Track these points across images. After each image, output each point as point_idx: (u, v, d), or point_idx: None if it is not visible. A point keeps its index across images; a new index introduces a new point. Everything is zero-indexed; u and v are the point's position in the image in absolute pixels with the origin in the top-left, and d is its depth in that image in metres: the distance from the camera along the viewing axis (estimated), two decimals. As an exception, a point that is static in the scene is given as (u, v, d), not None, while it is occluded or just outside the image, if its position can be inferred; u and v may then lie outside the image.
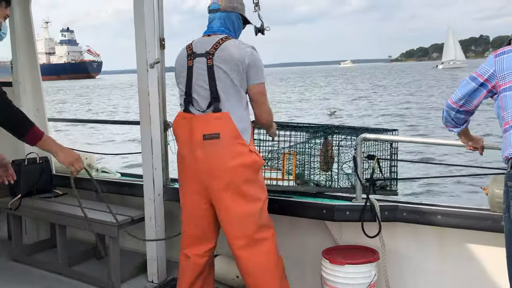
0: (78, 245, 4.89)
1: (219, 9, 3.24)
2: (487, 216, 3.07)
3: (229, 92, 3.06)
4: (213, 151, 3.03)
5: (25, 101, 5.03)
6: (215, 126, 3.03)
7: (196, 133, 3.05)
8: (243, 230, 3.11)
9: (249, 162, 3.07)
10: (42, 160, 4.98)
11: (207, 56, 3.09)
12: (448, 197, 9.89)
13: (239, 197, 3.07)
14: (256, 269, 3.15)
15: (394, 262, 3.50)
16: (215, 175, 3.05)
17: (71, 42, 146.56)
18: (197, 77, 3.11)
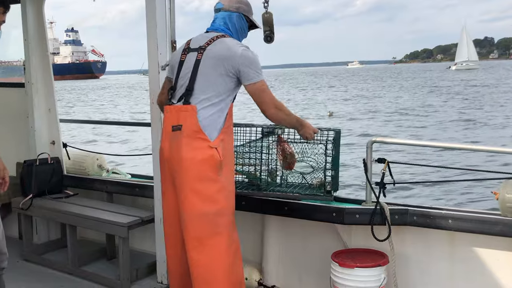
0: (88, 245, 4.92)
1: (222, 9, 3.29)
2: (498, 220, 3.06)
3: (206, 88, 3.06)
4: (175, 142, 3.05)
5: (37, 102, 5.07)
6: (181, 118, 3.06)
7: (167, 124, 3.13)
8: (194, 230, 3.05)
9: (205, 157, 3.01)
10: (53, 160, 5.02)
11: (199, 51, 3.13)
12: (458, 201, 9.84)
13: (193, 194, 3.02)
14: (201, 275, 3.07)
15: (403, 266, 3.48)
16: (175, 168, 3.07)
17: (76, 42, 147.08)
18: (184, 71, 3.17)
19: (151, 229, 4.17)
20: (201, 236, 3.05)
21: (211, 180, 3.04)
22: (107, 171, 5.23)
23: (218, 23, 3.28)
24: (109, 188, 4.87)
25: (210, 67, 3.07)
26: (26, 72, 5.13)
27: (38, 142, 5.08)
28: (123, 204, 4.70)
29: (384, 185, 3.48)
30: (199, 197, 3.03)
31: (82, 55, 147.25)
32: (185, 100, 3.08)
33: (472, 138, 19.87)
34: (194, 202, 3.03)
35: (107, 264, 4.60)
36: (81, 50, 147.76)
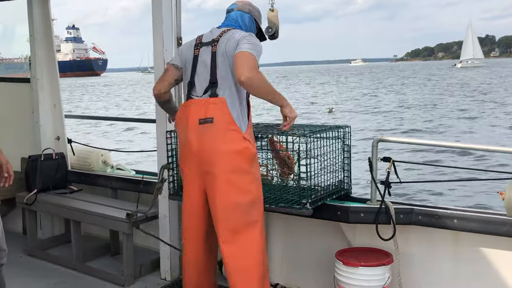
0: (92, 241, 4.93)
1: (235, 9, 3.36)
2: (503, 221, 3.04)
3: (227, 79, 3.07)
4: (206, 135, 3.02)
5: (42, 97, 5.08)
6: (210, 110, 3.03)
7: (193, 117, 3.07)
8: (229, 222, 3.04)
9: (240, 149, 3.02)
10: (58, 156, 5.03)
11: (213, 44, 3.14)
12: (463, 201, 9.81)
13: (227, 185, 3.02)
14: (237, 266, 3.07)
15: (408, 265, 3.47)
16: (206, 160, 3.04)
17: (77, 40, 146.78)
18: (200, 65, 3.16)
19: (155, 226, 4.17)
20: (236, 227, 3.05)
21: (245, 171, 3.05)
22: (112, 167, 5.24)
23: (230, 20, 3.32)
24: (114, 184, 4.87)
25: (227, 57, 3.07)
26: (31, 67, 5.13)
27: (43, 138, 5.08)
28: (128, 200, 4.70)
29: (389, 184, 3.47)
30: (234, 189, 3.03)
31: (83, 53, 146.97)
32: (212, 93, 3.07)
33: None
34: (229, 193, 3.03)
35: (111, 260, 4.61)
36: (82, 48, 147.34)
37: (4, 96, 5.60)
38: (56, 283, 4.18)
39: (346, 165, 3.68)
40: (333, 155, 3.58)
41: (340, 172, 3.67)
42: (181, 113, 3.19)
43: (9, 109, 5.52)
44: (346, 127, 3.67)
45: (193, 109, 3.09)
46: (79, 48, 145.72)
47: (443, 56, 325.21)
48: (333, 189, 3.59)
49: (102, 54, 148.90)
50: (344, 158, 3.67)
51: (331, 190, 3.55)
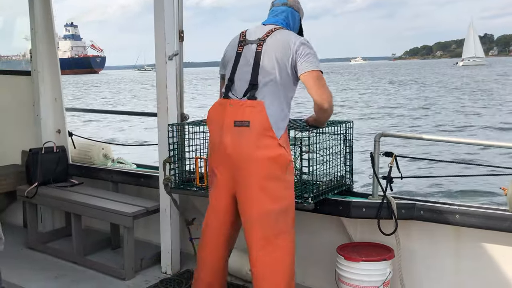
0: (93, 235, 4.93)
1: (286, 4, 3.22)
2: (506, 216, 3.03)
3: (269, 82, 2.96)
4: (241, 139, 2.91)
5: (43, 90, 5.06)
6: (247, 113, 2.92)
7: (228, 118, 2.96)
8: (263, 229, 2.95)
9: (274, 156, 2.91)
10: (59, 149, 5.02)
11: (258, 43, 3.03)
12: (465, 196, 9.80)
13: (261, 192, 2.92)
14: (265, 274, 2.98)
15: (409, 261, 3.47)
16: (240, 165, 2.93)
17: (75, 37, 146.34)
18: (243, 63, 3.05)
19: (156, 219, 4.16)
20: (269, 235, 2.96)
21: (278, 178, 2.95)
22: (113, 161, 5.23)
23: (280, 17, 3.19)
24: (114, 177, 4.86)
25: (272, 59, 2.97)
26: (32, 60, 5.11)
27: (44, 131, 5.07)
28: (128, 193, 4.70)
29: (391, 179, 3.46)
30: (269, 196, 2.94)
31: (82, 50, 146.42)
32: (251, 95, 2.96)
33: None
34: (264, 201, 2.93)
35: (111, 253, 4.61)
36: (80, 45, 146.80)
37: (5, 89, 5.59)
38: (57, 276, 4.17)
39: (348, 160, 3.67)
40: (335, 150, 3.57)
41: (342, 167, 3.66)
42: (216, 112, 3.06)
43: (10, 102, 5.51)
44: (349, 122, 3.65)
45: (230, 110, 2.97)
46: (77, 45, 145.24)
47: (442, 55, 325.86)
48: (335, 184, 3.57)
49: (100, 52, 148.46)
50: (346, 153, 3.66)
51: (333, 185, 3.54)
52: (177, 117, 4.05)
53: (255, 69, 2.99)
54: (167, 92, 3.92)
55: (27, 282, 4.03)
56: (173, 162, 3.74)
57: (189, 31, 4.09)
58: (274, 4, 3.27)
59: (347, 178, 3.69)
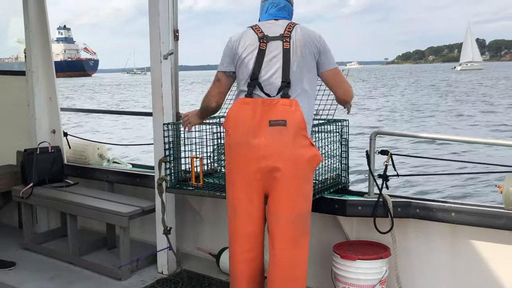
0: (88, 235, 4.92)
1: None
2: (501, 214, 3.03)
3: (300, 79, 2.93)
4: (277, 138, 2.84)
5: (38, 90, 5.04)
6: (282, 112, 2.85)
7: (261, 118, 2.86)
8: (295, 230, 2.95)
9: (310, 156, 2.90)
10: (54, 149, 5.00)
11: (283, 39, 2.95)
12: (461, 194, 9.83)
13: (297, 194, 2.91)
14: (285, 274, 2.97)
15: (405, 259, 3.48)
16: (276, 166, 2.85)
17: (68, 40, 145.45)
18: (269, 61, 2.95)
19: (152, 219, 4.15)
20: (296, 236, 2.96)
21: (310, 180, 3.00)
22: (108, 161, 5.21)
23: (285, 12, 3.15)
24: (110, 177, 4.85)
25: (301, 56, 2.94)
26: (27, 60, 5.09)
27: (39, 131, 5.05)
28: (124, 193, 4.68)
29: (387, 177, 3.46)
30: (303, 197, 2.95)
31: (74, 53, 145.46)
32: (284, 93, 2.89)
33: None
34: (299, 202, 2.94)
35: (107, 253, 4.59)
36: (73, 48, 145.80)
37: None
38: (52, 276, 4.16)
39: (344, 159, 3.67)
40: (330, 149, 3.57)
41: (338, 166, 3.66)
42: (242, 112, 2.94)
43: (4, 102, 5.48)
44: (344, 121, 3.65)
45: (263, 110, 2.87)
46: (70, 48, 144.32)
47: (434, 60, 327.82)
48: (331, 182, 3.57)
49: (93, 55, 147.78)
50: (342, 152, 3.66)
51: (328, 184, 3.54)
52: (173, 116, 4.04)
53: (286, 66, 2.91)
54: (162, 91, 3.91)
55: (23, 283, 4.02)
56: (169, 162, 3.73)
57: (181, 34, 4.07)
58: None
59: (343, 177, 3.69)
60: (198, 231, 4.49)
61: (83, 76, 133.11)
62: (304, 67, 2.95)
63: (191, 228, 4.50)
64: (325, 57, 3.01)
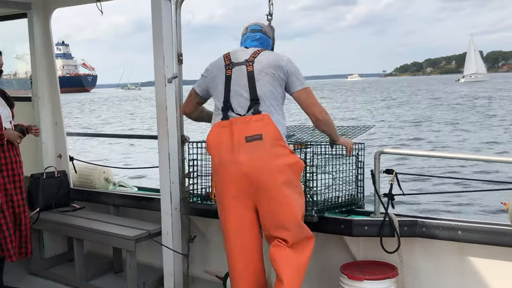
0: (95, 259, 4.90)
1: (261, 30, 3.44)
2: (508, 231, 3.03)
3: (267, 95, 3.14)
4: (256, 152, 3.03)
5: (44, 115, 5.09)
6: (256, 127, 3.06)
7: (238, 136, 3.08)
8: (290, 234, 3.08)
9: (291, 162, 3.08)
10: (60, 174, 5.03)
11: (247, 64, 3.21)
12: (467, 212, 9.77)
13: (284, 198, 3.05)
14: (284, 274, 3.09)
15: (413, 278, 3.46)
16: (260, 179, 3.03)
17: (66, 56, 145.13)
18: (235, 85, 3.20)
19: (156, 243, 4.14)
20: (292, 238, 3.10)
21: (295, 186, 3.13)
22: (114, 184, 5.23)
23: (257, 41, 3.41)
24: (116, 201, 4.86)
25: (265, 75, 3.16)
26: (33, 86, 5.15)
27: (45, 156, 5.09)
28: (130, 217, 4.69)
29: (393, 196, 3.46)
30: (290, 201, 3.07)
31: (73, 69, 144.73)
32: (254, 110, 3.12)
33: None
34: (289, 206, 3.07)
35: (114, 277, 4.59)
36: (71, 64, 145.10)
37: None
38: (60, 302, 4.15)
39: (359, 182, 3.71)
40: (344, 169, 3.63)
41: (353, 187, 3.70)
42: (219, 135, 3.17)
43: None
44: (360, 144, 3.68)
45: (238, 128, 3.10)
46: (68, 64, 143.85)
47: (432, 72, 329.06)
48: (343, 201, 3.62)
49: (91, 70, 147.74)
50: (358, 174, 3.69)
51: (340, 202, 3.60)
52: (178, 140, 4.06)
53: (252, 86, 3.16)
54: (167, 114, 3.93)
55: (30, 308, 4.01)
56: (192, 178, 3.87)
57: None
58: (248, 29, 3.47)
59: (359, 199, 3.73)
60: (204, 254, 4.48)
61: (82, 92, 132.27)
62: (269, 85, 3.16)
63: (199, 251, 4.48)
64: (294, 78, 3.20)
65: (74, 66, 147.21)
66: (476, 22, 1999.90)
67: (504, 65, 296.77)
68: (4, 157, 4.07)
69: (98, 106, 62.55)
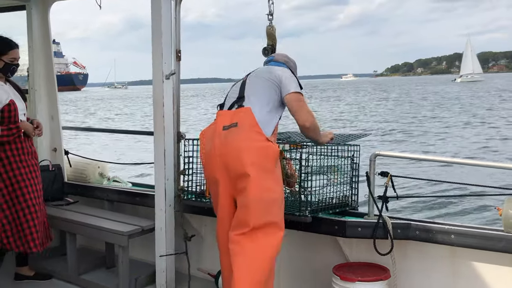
0: (88, 254, 4.90)
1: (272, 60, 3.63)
2: (501, 236, 3.04)
3: (254, 93, 3.30)
4: (230, 137, 3.17)
5: (40, 109, 5.08)
6: (235, 117, 3.23)
7: (218, 126, 3.26)
8: (250, 215, 3.08)
9: (263, 146, 3.13)
10: (55, 167, 5.02)
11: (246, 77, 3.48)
12: (461, 216, 9.80)
13: (253, 180, 3.06)
14: (243, 263, 3.08)
15: (405, 281, 3.47)
16: (231, 161, 3.13)
17: (57, 54, 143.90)
18: (232, 91, 3.47)
19: (152, 238, 4.14)
20: (256, 223, 3.09)
21: (268, 170, 3.13)
22: (108, 179, 5.22)
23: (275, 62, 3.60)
24: (110, 196, 4.85)
25: (258, 77, 3.39)
26: (30, 78, 5.14)
27: (40, 149, 5.07)
28: (124, 212, 4.68)
29: (387, 198, 3.47)
30: (259, 184, 3.08)
31: (64, 67, 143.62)
32: (238, 105, 3.30)
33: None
34: (254, 188, 3.07)
35: (106, 272, 4.58)
36: (62, 62, 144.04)
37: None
38: (51, 295, 4.14)
39: (354, 183, 3.71)
40: (339, 170, 3.64)
41: (347, 189, 3.71)
42: (208, 129, 3.38)
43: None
44: (356, 146, 3.69)
45: (219, 119, 3.30)
46: (59, 62, 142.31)
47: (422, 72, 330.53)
48: (337, 202, 3.62)
49: (82, 69, 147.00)
50: (353, 176, 3.70)
51: (335, 203, 3.60)
52: (174, 136, 4.06)
53: (242, 87, 3.38)
54: (164, 111, 3.93)
55: (21, 301, 4.00)
56: (187, 174, 3.88)
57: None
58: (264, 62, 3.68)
59: (353, 201, 3.73)
60: (198, 252, 4.48)
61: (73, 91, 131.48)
62: (258, 86, 3.34)
63: (192, 249, 4.48)
64: (285, 83, 3.31)
65: (65, 64, 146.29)
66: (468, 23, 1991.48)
67: (495, 66, 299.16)
68: (21, 147, 4.11)
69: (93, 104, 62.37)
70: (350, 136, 3.87)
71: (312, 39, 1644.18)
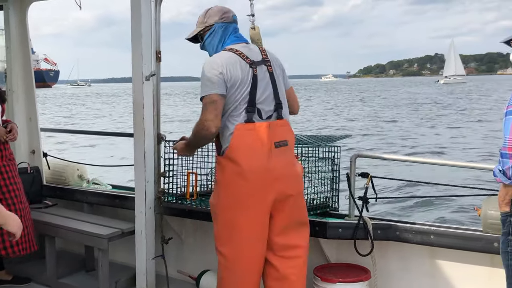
0: (67, 257, 4.83)
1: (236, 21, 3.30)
2: (479, 237, 3.07)
3: (284, 99, 3.13)
4: (285, 159, 3.01)
5: (17, 110, 5.00)
6: (282, 133, 3.01)
7: (268, 141, 2.92)
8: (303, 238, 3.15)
9: (302, 170, 3.18)
10: (33, 170, 4.95)
11: (266, 64, 3.07)
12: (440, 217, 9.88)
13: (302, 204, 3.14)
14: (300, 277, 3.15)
15: (385, 281, 3.48)
16: (287, 185, 2.99)
17: None
18: (262, 86, 3.01)
19: (131, 241, 4.10)
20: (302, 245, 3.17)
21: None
22: (88, 182, 5.16)
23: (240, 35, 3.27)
24: (89, 198, 4.80)
25: (280, 77, 3.13)
26: (7, 79, 5.06)
27: (18, 151, 4.99)
28: (104, 215, 4.63)
29: (367, 199, 3.48)
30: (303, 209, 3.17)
31: (35, 64, 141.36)
32: (278, 115, 3.03)
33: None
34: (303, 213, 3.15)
35: (86, 276, 4.53)
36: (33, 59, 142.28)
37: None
38: (29, 300, 4.09)
39: (335, 184, 3.74)
40: (318, 172, 3.66)
41: (328, 190, 3.73)
42: (246, 138, 2.93)
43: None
44: (336, 147, 3.70)
45: (267, 133, 2.93)
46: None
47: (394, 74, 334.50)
48: (318, 204, 3.64)
49: (54, 66, 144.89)
50: (334, 177, 3.71)
51: (315, 205, 3.62)
52: (154, 138, 4.02)
53: (275, 90, 3.05)
54: (144, 113, 3.89)
55: (-2, 306, 3.94)
56: (168, 176, 3.86)
57: (164, 45, 4.10)
58: (234, 20, 3.25)
59: (333, 202, 3.75)
60: (179, 254, 4.45)
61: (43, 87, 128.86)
62: (283, 88, 3.15)
63: (172, 251, 4.45)
64: (286, 76, 3.24)
65: (36, 61, 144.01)
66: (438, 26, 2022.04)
67: (465, 68, 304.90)
68: None
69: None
70: (330, 137, 3.88)
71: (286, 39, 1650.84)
